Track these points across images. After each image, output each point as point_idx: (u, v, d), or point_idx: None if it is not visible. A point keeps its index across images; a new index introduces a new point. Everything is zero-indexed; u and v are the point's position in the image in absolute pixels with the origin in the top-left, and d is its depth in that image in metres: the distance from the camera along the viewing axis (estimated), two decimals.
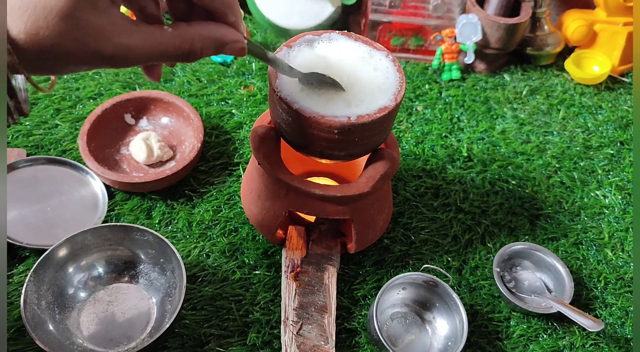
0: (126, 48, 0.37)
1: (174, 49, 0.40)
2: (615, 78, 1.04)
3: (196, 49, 0.41)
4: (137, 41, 0.37)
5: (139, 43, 0.37)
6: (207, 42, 0.41)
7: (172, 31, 0.39)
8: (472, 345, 0.67)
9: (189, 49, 0.40)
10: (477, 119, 0.93)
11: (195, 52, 0.41)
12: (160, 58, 0.40)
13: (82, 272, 0.65)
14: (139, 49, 0.38)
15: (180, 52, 0.40)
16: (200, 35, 0.41)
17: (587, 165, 0.88)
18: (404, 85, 0.56)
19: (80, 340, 0.61)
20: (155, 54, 0.39)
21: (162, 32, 0.39)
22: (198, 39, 0.40)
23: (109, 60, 0.37)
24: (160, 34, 0.39)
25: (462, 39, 0.97)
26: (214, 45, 0.42)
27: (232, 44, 0.42)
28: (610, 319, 0.71)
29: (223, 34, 0.42)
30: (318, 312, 0.62)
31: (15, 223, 0.69)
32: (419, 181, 0.82)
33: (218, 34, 0.42)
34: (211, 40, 0.41)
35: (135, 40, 0.37)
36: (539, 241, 0.78)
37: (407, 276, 0.66)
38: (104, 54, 0.37)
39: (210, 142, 0.83)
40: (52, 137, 0.80)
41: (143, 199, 0.75)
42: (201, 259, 0.71)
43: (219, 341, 0.64)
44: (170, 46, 0.39)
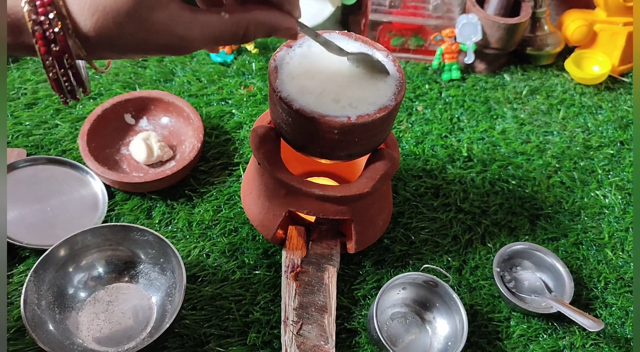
0: (186, 40, 0.39)
1: (229, 35, 0.41)
2: (615, 78, 1.04)
3: (250, 34, 0.42)
4: (196, 32, 0.39)
5: (198, 33, 0.40)
6: (261, 27, 0.43)
7: (229, 18, 0.41)
8: (472, 345, 0.67)
9: (244, 34, 0.42)
10: (477, 119, 0.93)
11: (249, 36, 0.43)
12: (216, 43, 0.42)
13: (82, 272, 0.65)
14: (198, 39, 0.40)
15: (235, 37, 0.42)
16: (256, 21, 0.42)
17: (587, 165, 0.88)
18: (403, 86, 0.56)
19: (81, 340, 0.61)
20: (212, 41, 0.41)
21: (219, 19, 0.41)
22: (253, 25, 0.42)
23: (170, 50, 0.40)
24: (218, 22, 0.40)
25: (462, 39, 0.97)
26: (267, 31, 0.43)
27: (285, 30, 0.44)
28: (610, 319, 0.71)
29: (277, 20, 0.43)
30: (318, 312, 0.62)
31: (15, 223, 0.69)
32: (419, 181, 0.82)
33: (272, 20, 0.43)
34: (265, 26, 0.43)
35: (194, 31, 0.39)
36: (539, 241, 0.78)
37: (407, 276, 0.66)
38: (166, 46, 0.39)
39: (210, 142, 0.83)
40: (52, 137, 0.80)
41: (143, 199, 0.75)
42: (201, 259, 0.71)
43: (219, 340, 0.64)
44: (226, 33, 0.41)
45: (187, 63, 0.95)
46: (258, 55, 0.97)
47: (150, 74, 0.92)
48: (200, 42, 0.40)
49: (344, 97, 0.54)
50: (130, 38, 0.38)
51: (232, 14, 0.41)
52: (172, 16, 0.38)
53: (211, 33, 0.40)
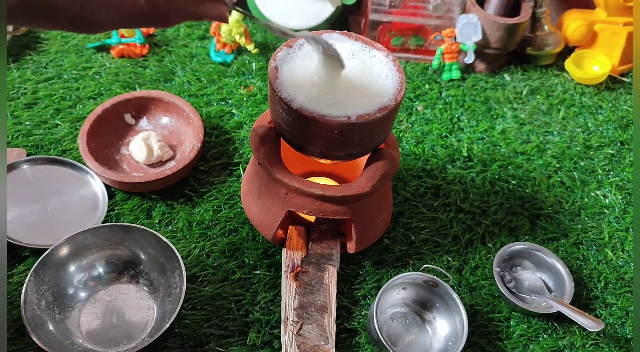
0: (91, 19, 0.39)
1: (146, 22, 0.41)
2: (615, 78, 1.04)
3: (171, 22, 0.42)
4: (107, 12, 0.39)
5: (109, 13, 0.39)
6: (184, 17, 0.42)
7: (145, 3, 0.40)
8: (472, 345, 0.67)
9: (165, 22, 0.41)
10: (477, 119, 0.93)
11: (170, 24, 0.42)
12: (131, 26, 0.41)
13: (82, 272, 0.65)
14: (107, 21, 0.40)
15: (154, 24, 0.42)
16: (176, 11, 0.42)
17: (587, 165, 0.88)
18: (404, 85, 0.56)
19: (80, 340, 0.61)
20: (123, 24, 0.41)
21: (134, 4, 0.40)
22: (173, 15, 0.41)
23: (77, 27, 0.40)
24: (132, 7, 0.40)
25: (462, 39, 0.97)
26: (192, 19, 0.43)
27: (212, 17, 0.44)
28: (610, 319, 0.71)
29: (202, 10, 0.43)
30: (318, 312, 0.62)
31: (15, 223, 0.69)
32: (419, 181, 0.82)
33: (197, 10, 0.43)
34: (188, 15, 0.42)
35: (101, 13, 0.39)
36: (539, 240, 0.78)
37: (407, 276, 0.66)
38: (74, 19, 0.39)
39: (210, 142, 0.83)
40: (52, 137, 0.80)
41: (143, 199, 0.75)
42: (201, 259, 0.70)
43: (219, 340, 0.64)
44: (141, 18, 0.41)
45: (187, 63, 0.95)
46: (258, 55, 0.97)
47: (150, 74, 0.92)
48: (110, 23, 0.40)
49: (344, 96, 0.54)
50: (173, 6, 0.38)
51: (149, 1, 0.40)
52: None
53: (121, 16, 0.40)
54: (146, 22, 0.41)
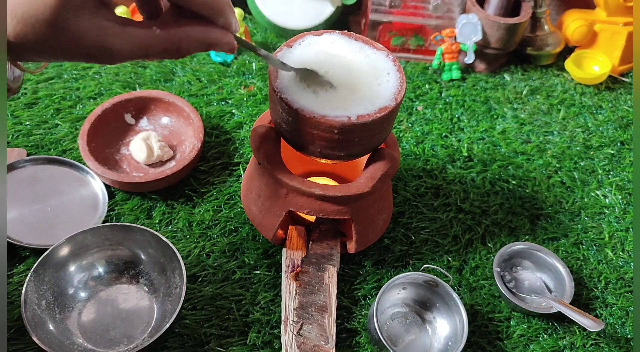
0: (111, 51, 0.38)
1: (160, 51, 0.40)
2: (616, 78, 1.04)
3: (183, 50, 0.41)
4: (122, 44, 0.38)
5: (124, 46, 0.38)
6: (195, 44, 0.41)
7: (160, 33, 0.39)
8: (473, 345, 0.67)
9: (176, 50, 0.41)
10: (477, 119, 0.93)
11: (182, 53, 0.41)
12: (145, 57, 0.40)
13: (83, 272, 0.65)
14: (124, 52, 0.38)
15: (167, 53, 0.40)
16: (188, 37, 0.41)
17: (587, 165, 0.88)
18: (404, 85, 0.56)
19: (81, 340, 0.61)
20: (140, 55, 0.39)
21: (150, 34, 0.39)
22: (185, 41, 0.41)
23: (93, 59, 0.38)
24: (147, 36, 0.39)
25: (462, 39, 0.97)
26: (202, 47, 0.42)
27: (222, 45, 0.43)
28: (610, 319, 0.71)
29: (211, 37, 0.42)
30: (318, 312, 0.62)
31: (15, 223, 0.69)
32: (419, 181, 0.82)
33: (206, 36, 0.42)
34: (199, 43, 0.41)
35: (120, 43, 0.38)
36: (539, 240, 0.78)
37: (408, 276, 0.66)
38: (88, 54, 0.38)
39: (210, 142, 0.83)
40: (52, 137, 0.80)
41: (143, 199, 0.75)
42: (201, 259, 0.70)
43: (219, 340, 0.64)
44: (156, 48, 0.40)
45: (188, 63, 0.95)
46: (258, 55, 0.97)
47: (151, 74, 0.92)
48: (127, 55, 0.39)
49: (344, 96, 0.54)
50: (51, 45, 0.36)
51: (163, 29, 0.40)
52: (97, 27, 0.37)
53: (139, 47, 0.39)
54: (159, 50, 0.40)
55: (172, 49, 0.40)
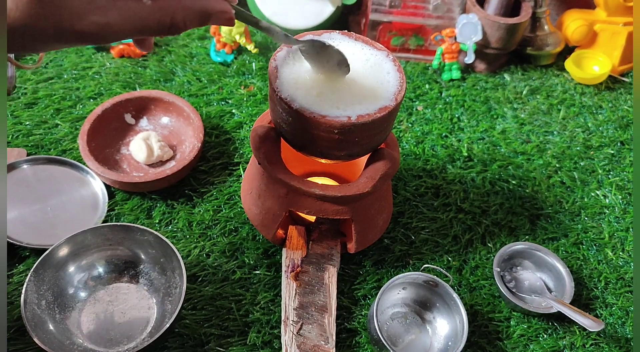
0: (102, 26, 0.36)
1: (154, 24, 0.38)
2: (616, 78, 1.04)
3: (178, 21, 0.39)
4: (113, 18, 0.36)
5: (116, 20, 0.36)
6: (190, 14, 0.39)
7: (152, 4, 0.37)
8: (472, 345, 0.67)
9: (170, 23, 0.38)
10: (477, 119, 0.93)
11: (178, 25, 0.39)
12: (140, 33, 0.38)
13: (82, 272, 0.65)
14: (116, 26, 0.36)
15: (161, 26, 0.38)
16: (183, 7, 0.38)
17: (587, 165, 0.88)
18: (404, 85, 0.56)
19: (81, 340, 0.61)
20: (134, 30, 0.37)
21: (141, 6, 0.37)
22: (180, 11, 0.38)
23: (88, 39, 0.36)
24: (139, 9, 0.37)
25: (462, 38, 0.97)
26: (198, 17, 0.40)
27: (218, 14, 0.40)
28: (610, 319, 0.71)
29: (207, 5, 0.40)
30: (318, 312, 0.62)
31: (15, 223, 0.69)
32: (419, 181, 0.82)
33: (201, 4, 0.39)
34: (194, 12, 0.39)
35: (111, 17, 0.36)
36: (539, 240, 0.78)
37: (407, 276, 0.66)
38: (79, 32, 0.36)
39: (210, 142, 0.83)
40: (52, 137, 0.80)
41: (143, 199, 0.75)
42: (201, 259, 0.70)
43: (219, 340, 0.64)
44: (149, 21, 0.37)
45: (187, 63, 0.95)
46: (258, 55, 0.97)
47: (150, 74, 0.92)
48: (121, 30, 0.36)
49: (344, 96, 0.54)
50: (39, 23, 0.34)
51: (156, 0, 0.37)
52: (86, 1, 0.35)
53: (131, 21, 0.36)
54: (153, 24, 0.38)
55: (166, 21, 0.38)
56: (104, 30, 0.36)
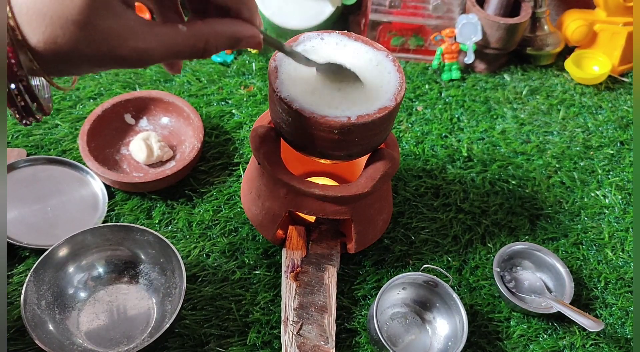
0: (141, 51, 0.38)
1: (188, 49, 0.40)
2: (615, 78, 1.04)
3: (211, 46, 0.41)
4: (152, 44, 0.38)
5: (154, 45, 0.38)
6: (222, 39, 0.41)
7: (187, 30, 0.39)
8: (472, 345, 0.67)
9: (204, 48, 0.40)
10: (477, 119, 0.93)
11: (210, 50, 0.41)
12: (175, 57, 0.40)
13: (82, 272, 0.65)
14: (155, 51, 0.38)
15: (195, 50, 0.40)
16: (215, 33, 0.41)
17: (587, 165, 0.88)
18: (404, 85, 0.56)
19: (80, 340, 0.61)
20: (170, 54, 0.39)
21: (177, 32, 0.39)
22: (213, 37, 0.40)
23: (126, 63, 0.38)
24: (175, 34, 0.39)
25: (462, 39, 0.97)
26: (229, 42, 0.42)
27: (248, 39, 0.43)
28: (610, 319, 0.71)
29: (238, 30, 0.42)
30: (318, 312, 0.62)
31: (15, 223, 0.69)
32: (419, 181, 0.82)
33: (233, 30, 0.42)
34: (226, 37, 0.41)
35: (150, 43, 0.38)
36: (539, 241, 0.78)
37: (407, 276, 0.66)
38: (121, 57, 0.37)
39: (210, 142, 0.83)
40: (52, 137, 0.80)
41: (143, 199, 0.75)
42: (201, 259, 0.71)
43: (219, 341, 0.64)
44: (185, 46, 0.40)
45: (187, 63, 0.95)
46: (258, 55, 0.97)
47: (150, 74, 0.92)
48: (158, 54, 0.38)
49: (344, 97, 0.54)
50: (82, 49, 0.35)
51: (190, 26, 0.40)
52: (126, 27, 0.36)
53: (168, 46, 0.39)
54: (188, 48, 0.40)
55: (199, 46, 0.40)
56: (143, 55, 0.38)
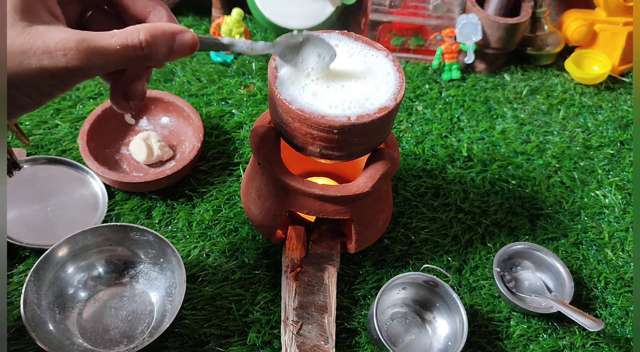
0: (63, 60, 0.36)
1: (131, 53, 0.38)
2: (616, 78, 1.04)
3: (152, 46, 0.38)
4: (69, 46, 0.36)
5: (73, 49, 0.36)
6: (161, 36, 0.39)
7: (120, 31, 0.38)
8: (472, 345, 0.67)
9: (145, 50, 0.38)
10: (477, 119, 0.93)
11: (151, 51, 0.39)
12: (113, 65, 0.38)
13: (82, 272, 0.65)
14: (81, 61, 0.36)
15: (136, 53, 0.38)
16: (153, 29, 0.38)
17: (587, 165, 0.88)
18: (404, 85, 0.56)
19: (80, 340, 0.61)
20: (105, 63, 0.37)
21: (109, 35, 0.37)
22: (151, 33, 0.38)
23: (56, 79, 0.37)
24: (108, 36, 0.37)
25: (462, 39, 0.97)
26: (168, 39, 0.39)
27: (184, 34, 0.40)
28: (610, 319, 0.71)
29: (170, 26, 0.40)
30: (318, 312, 0.62)
31: (15, 223, 0.69)
32: (419, 181, 0.82)
33: (164, 25, 0.39)
34: (160, 31, 0.39)
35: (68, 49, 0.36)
36: (539, 240, 0.78)
37: (407, 276, 0.66)
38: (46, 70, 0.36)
39: (210, 142, 0.83)
40: (52, 137, 0.80)
41: (143, 199, 0.75)
42: (201, 259, 0.71)
43: (219, 340, 0.64)
44: (124, 51, 0.38)
45: (187, 63, 0.95)
46: (258, 55, 0.97)
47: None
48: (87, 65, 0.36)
49: (343, 97, 0.54)
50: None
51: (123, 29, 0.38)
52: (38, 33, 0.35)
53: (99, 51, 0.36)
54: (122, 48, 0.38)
55: (136, 43, 0.38)
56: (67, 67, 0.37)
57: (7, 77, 0.35)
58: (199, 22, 1.03)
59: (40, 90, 0.37)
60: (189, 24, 1.02)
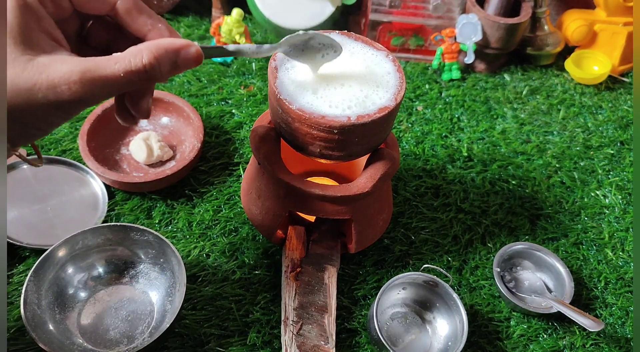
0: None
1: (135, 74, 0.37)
2: (616, 78, 1.04)
3: (154, 63, 0.38)
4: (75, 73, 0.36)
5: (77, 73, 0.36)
6: (164, 53, 0.38)
7: (122, 53, 0.38)
8: (472, 345, 0.67)
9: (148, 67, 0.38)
10: (477, 119, 0.93)
11: (154, 68, 0.38)
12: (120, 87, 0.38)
13: (82, 272, 0.65)
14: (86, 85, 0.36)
15: (140, 74, 0.38)
16: (157, 46, 0.38)
17: (587, 165, 0.88)
18: (404, 85, 0.56)
19: (81, 340, 0.61)
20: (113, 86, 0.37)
21: (111, 57, 0.37)
22: (155, 50, 0.38)
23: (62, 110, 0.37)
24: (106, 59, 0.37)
25: (462, 39, 0.97)
26: (171, 57, 0.39)
27: (188, 47, 0.40)
28: (610, 319, 0.71)
29: (172, 41, 0.39)
30: (318, 312, 0.62)
31: (15, 223, 0.69)
32: (419, 181, 0.82)
33: (171, 41, 0.39)
34: (162, 49, 0.38)
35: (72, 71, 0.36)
36: (539, 240, 0.78)
37: (407, 276, 0.66)
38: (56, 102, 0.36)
39: (210, 142, 0.83)
40: (52, 137, 0.80)
41: (143, 199, 0.75)
42: (201, 259, 0.70)
43: (219, 340, 0.64)
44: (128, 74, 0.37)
45: None
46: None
47: None
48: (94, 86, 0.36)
49: (343, 97, 0.54)
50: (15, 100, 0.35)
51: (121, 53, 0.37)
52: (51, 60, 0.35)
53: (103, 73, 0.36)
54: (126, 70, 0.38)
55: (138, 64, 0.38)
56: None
57: (16, 114, 0.35)
58: (199, 22, 1.03)
59: (46, 122, 0.38)
60: (189, 24, 1.02)
